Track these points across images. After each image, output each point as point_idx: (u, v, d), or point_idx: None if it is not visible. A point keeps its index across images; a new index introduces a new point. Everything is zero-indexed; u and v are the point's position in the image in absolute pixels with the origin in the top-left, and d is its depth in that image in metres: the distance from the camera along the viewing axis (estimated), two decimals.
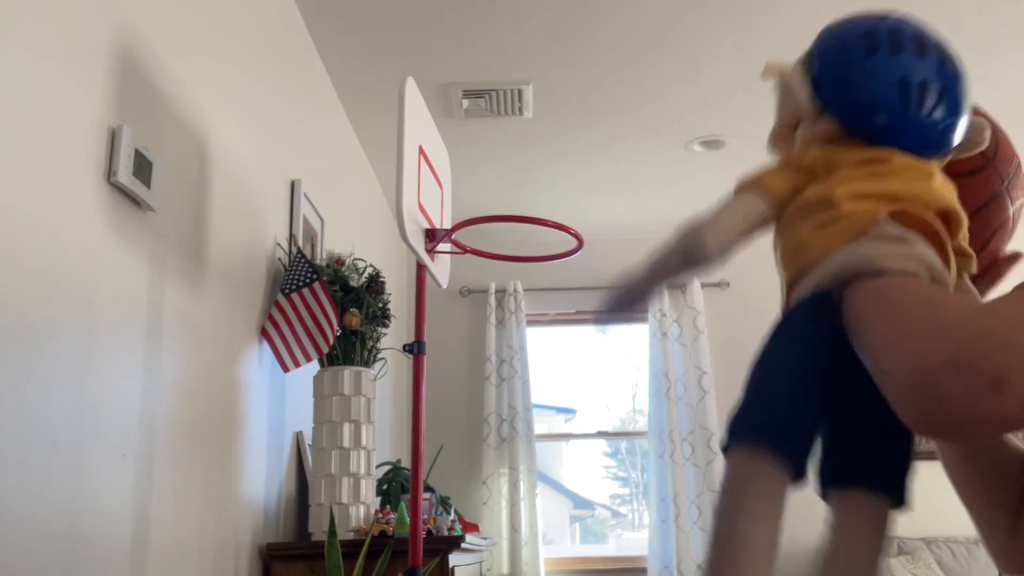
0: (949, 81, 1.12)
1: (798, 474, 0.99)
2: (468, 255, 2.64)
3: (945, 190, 1.11)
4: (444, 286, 2.60)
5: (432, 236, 2.36)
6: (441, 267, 2.55)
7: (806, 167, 1.16)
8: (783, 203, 1.15)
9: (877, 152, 1.12)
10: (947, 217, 1.10)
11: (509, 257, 2.60)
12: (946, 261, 1.06)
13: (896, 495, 1.04)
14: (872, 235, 1.02)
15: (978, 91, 1.21)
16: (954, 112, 1.12)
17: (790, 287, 1.11)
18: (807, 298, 1.05)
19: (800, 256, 1.08)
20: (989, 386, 0.82)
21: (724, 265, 1.20)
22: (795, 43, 3.76)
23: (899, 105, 1.12)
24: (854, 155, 1.13)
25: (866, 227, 1.03)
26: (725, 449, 1.01)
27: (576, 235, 2.45)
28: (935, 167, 1.14)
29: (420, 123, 2.36)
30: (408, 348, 2.47)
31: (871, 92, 1.14)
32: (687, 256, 1.20)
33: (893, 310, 0.93)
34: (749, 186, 1.18)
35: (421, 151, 2.33)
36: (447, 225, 2.59)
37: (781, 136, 1.29)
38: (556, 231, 2.51)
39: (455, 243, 2.48)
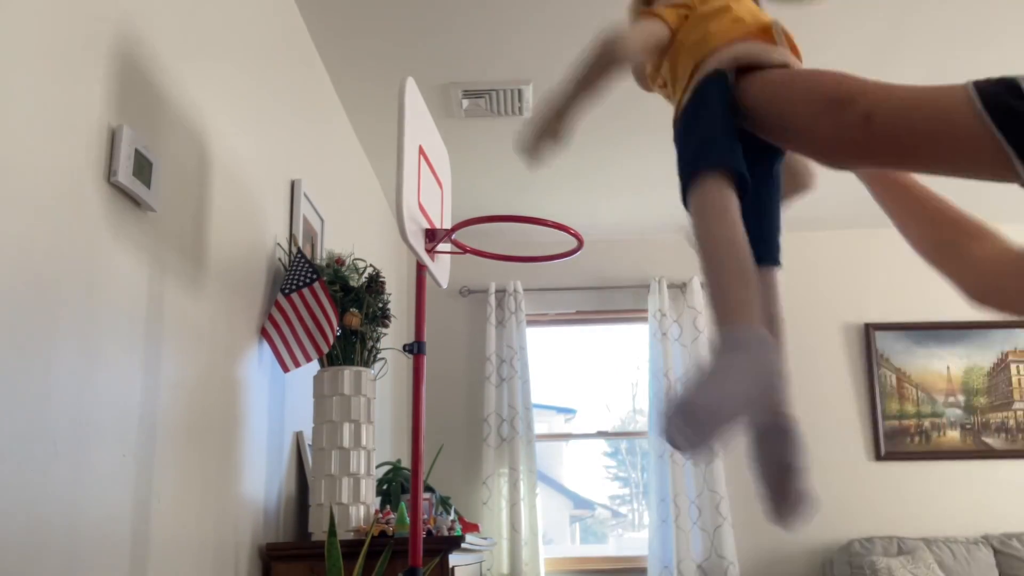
0: None
1: (742, 180, 1.25)
2: (468, 255, 2.63)
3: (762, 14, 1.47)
4: (444, 286, 2.59)
5: (432, 236, 2.36)
6: (441, 267, 2.55)
7: (680, 2, 1.47)
8: (674, 31, 1.44)
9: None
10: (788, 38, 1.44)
11: (509, 257, 2.60)
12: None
13: (775, 259, 1.40)
14: (764, 37, 1.37)
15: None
16: None
17: (691, 73, 1.39)
18: (709, 76, 1.34)
19: (703, 45, 1.38)
20: (862, 117, 1.13)
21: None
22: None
23: None
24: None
25: (759, 30, 1.38)
26: (684, 197, 1.27)
27: (576, 235, 2.45)
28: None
29: (420, 123, 2.36)
30: (408, 348, 2.46)
31: None
32: (607, 56, 1.45)
33: (792, 81, 1.28)
34: (649, 14, 1.47)
35: (421, 151, 2.33)
36: (447, 225, 2.59)
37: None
38: (556, 231, 2.51)
39: (455, 243, 2.48)
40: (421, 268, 2.47)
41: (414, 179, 2.23)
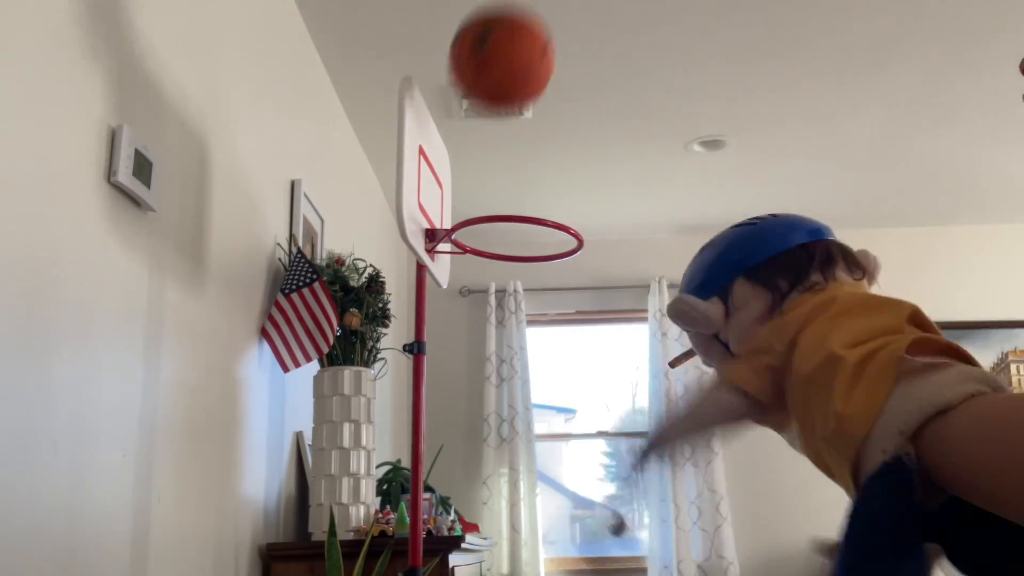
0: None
1: None
2: (468, 255, 2.63)
3: (895, 301, 1.11)
4: (444, 286, 2.59)
5: (432, 236, 2.35)
6: (441, 267, 2.55)
7: (761, 348, 1.14)
8: (764, 392, 1.12)
9: (816, 298, 1.14)
10: (920, 321, 1.07)
11: (509, 257, 2.60)
12: (975, 362, 0.99)
13: None
14: (908, 374, 0.92)
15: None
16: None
17: (855, 466, 0.97)
18: (877, 474, 0.91)
19: (850, 430, 0.95)
20: None
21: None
22: (794, 42, 3.74)
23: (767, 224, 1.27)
24: (801, 312, 1.12)
25: (895, 368, 0.93)
26: None
27: (576, 235, 2.44)
28: (864, 287, 1.21)
29: (420, 123, 2.36)
30: (408, 348, 2.46)
31: (762, 234, 1.27)
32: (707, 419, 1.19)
33: (996, 443, 0.82)
34: (724, 385, 1.16)
35: (421, 151, 2.33)
36: (447, 225, 2.58)
37: (712, 354, 1.32)
38: (557, 231, 2.51)
39: (455, 243, 2.48)
40: (421, 268, 2.46)
41: (414, 179, 2.23)
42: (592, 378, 5.66)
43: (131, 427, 1.84)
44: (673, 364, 1.46)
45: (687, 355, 1.42)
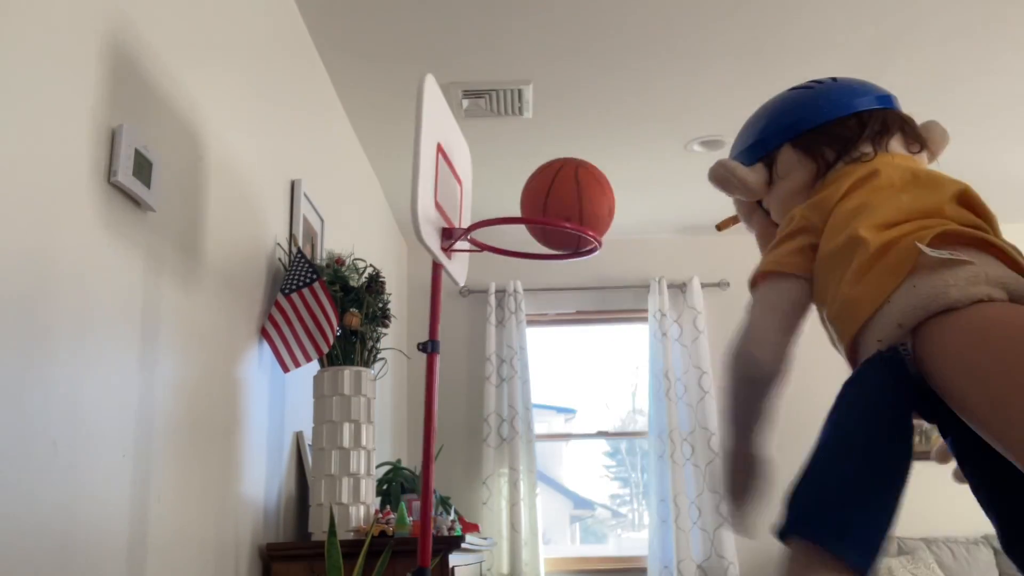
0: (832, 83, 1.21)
1: (861, 572, 0.83)
2: (483, 252, 2.59)
3: (945, 178, 1.05)
4: (462, 283, 2.54)
5: (448, 235, 2.33)
6: (458, 265, 2.51)
7: (800, 227, 1.08)
8: (808, 271, 1.05)
9: (859, 170, 1.07)
10: (968, 201, 1.01)
11: (525, 254, 2.55)
12: (1010, 260, 0.93)
13: None
14: (922, 267, 0.89)
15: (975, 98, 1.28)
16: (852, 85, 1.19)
17: (851, 349, 0.98)
18: (871, 358, 0.92)
19: (851, 314, 0.95)
20: None
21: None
22: (794, 41, 3.74)
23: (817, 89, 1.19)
24: (841, 186, 1.06)
25: (911, 260, 0.90)
26: (783, 535, 0.88)
27: (595, 237, 2.40)
28: (917, 161, 1.11)
29: (440, 120, 2.32)
30: (422, 346, 2.44)
31: (802, 100, 1.20)
32: (749, 383, 1.06)
33: (987, 361, 0.80)
34: (764, 277, 1.09)
35: (440, 149, 2.30)
36: (466, 222, 2.55)
37: (753, 222, 1.29)
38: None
39: (473, 241, 2.45)
40: (437, 267, 2.43)
41: (430, 178, 2.20)
42: (592, 378, 5.66)
43: (131, 427, 1.84)
44: (720, 227, 1.38)
45: (734, 219, 1.35)
